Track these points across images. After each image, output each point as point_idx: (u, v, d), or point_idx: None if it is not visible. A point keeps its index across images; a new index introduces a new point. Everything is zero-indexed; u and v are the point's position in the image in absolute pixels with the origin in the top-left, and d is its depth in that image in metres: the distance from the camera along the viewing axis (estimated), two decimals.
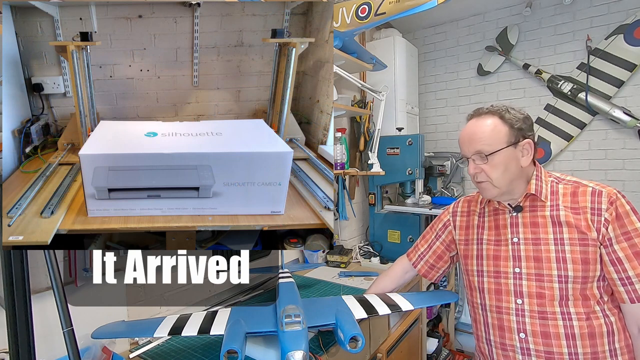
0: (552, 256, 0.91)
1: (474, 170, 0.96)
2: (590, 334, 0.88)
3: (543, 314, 0.91)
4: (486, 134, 0.93)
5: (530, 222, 0.96)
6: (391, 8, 1.55)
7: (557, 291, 0.90)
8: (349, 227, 2.36)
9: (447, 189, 2.79)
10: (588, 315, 0.89)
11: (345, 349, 0.93)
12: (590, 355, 0.88)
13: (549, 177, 1.00)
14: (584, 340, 0.88)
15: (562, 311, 0.90)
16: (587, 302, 0.89)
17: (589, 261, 0.88)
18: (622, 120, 2.25)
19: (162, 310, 1.38)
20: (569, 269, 0.89)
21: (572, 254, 0.89)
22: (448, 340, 2.66)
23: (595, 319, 0.89)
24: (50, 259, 0.89)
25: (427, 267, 1.23)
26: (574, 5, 2.40)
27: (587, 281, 0.89)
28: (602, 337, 0.88)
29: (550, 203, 0.95)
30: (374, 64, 2.13)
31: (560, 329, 0.89)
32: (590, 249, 0.88)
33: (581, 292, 0.89)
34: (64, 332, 0.86)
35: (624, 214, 0.88)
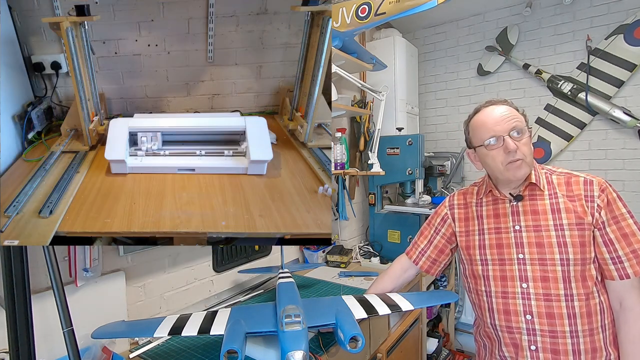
0: (554, 241, 0.97)
1: (514, 146, 0.97)
2: (588, 313, 0.96)
3: (548, 296, 0.97)
4: (517, 114, 1.01)
5: (530, 210, 1.03)
6: (391, 8, 1.55)
7: (559, 274, 0.96)
8: (349, 227, 2.36)
9: (447, 189, 2.80)
10: (587, 296, 0.96)
11: (345, 349, 0.93)
12: (587, 331, 0.96)
13: (542, 169, 1.07)
14: (583, 318, 0.95)
15: (566, 293, 0.96)
16: (585, 282, 0.96)
17: (585, 244, 0.96)
18: (622, 120, 2.25)
19: (162, 310, 1.38)
20: (570, 252, 0.96)
21: (572, 238, 0.96)
22: (448, 340, 2.66)
23: (592, 299, 0.96)
24: (50, 259, 0.88)
25: (429, 262, 1.24)
26: (574, 5, 2.40)
27: (586, 262, 0.96)
28: (597, 315, 0.96)
29: (548, 192, 1.02)
30: (374, 64, 2.13)
31: (563, 309, 0.96)
32: (587, 233, 0.96)
33: (581, 273, 0.96)
34: (64, 332, 0.86)
35: (612, 200, 0.97)
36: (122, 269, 1.24)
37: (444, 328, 2.70)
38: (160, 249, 1.37)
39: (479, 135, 1.02)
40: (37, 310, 0.88)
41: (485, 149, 1.01)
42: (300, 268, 1.96)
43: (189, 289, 1.48)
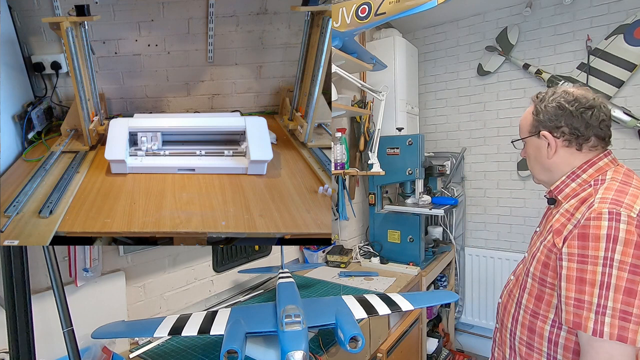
0: (534, 249, 0.94)
1: (521, 154, 1.02)
2: (530, 328, 0.91)
3: (510, 292, 1.00)
4: (521, 122, 1.01)
5: (547, 215, 1.01)
6: (391, 8, 1.55)
7: (522, 279, 0.96)
8: (349, 227, 2.36)
9: (447, 189, 2.79)
10: (535, 314, 0.89)
11: (345, 349, 0.93)
12: (525, 343, 0.91)
13: (591, 178, 0.88)
14: (523, 328, 0.92)
15: (519, 299, 0.95)
16: (538, 302, 0.88)
17: (549, 266, 0.85)
18: (622, 120, 2.25)
19: (162, 310, 1.38)
20: (533, 264, 0.90)
21: (540, 254, 0.88)
22: (448, 340, 2.66)
23: (542, 322, 0.87)
24: (50, 258, 0.88)
25: None
26: (574, 5, 2.40)
27: (545, 285, 0.86)
28: (541, 339, 0.87)
29: (564, 203, 0.90)
30: (374, 64, 2.13)
31: (513, 308, 0.97)
32: (553, 256, 0.84)
33: (538, 292, 0.88)
34: (64, 332, 0.86)
35: (594, 236, 0.75)
36: (122, 269, 1.24)
37: (444, 328, 2.70)
38: (160, 249, 1.37)
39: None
40: (37, 310, 0.88)
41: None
42: (300, 268, 1.96)
43: (189, 289, 1.48)
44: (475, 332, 2.84)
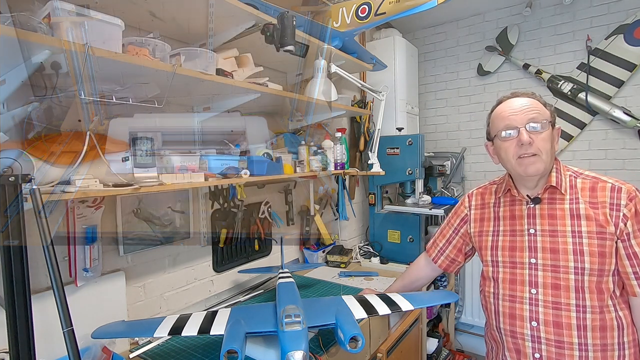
0: (569, 248, 0.93)
1: (528, 139, 0.92)
2: (601, 327, 0.90)
3: (557, 304, 0.93)
4: (539, 106, 0.96)
5: (548, 214, 0.98)
6: (391, 8, 1.55)
7: (572, 282, 0.92)
8: (349, 227, 2.36)
9: (447, 189, 2.80)
10: (601, 309, 0.91)
11: (345, 349, 0.93)
12: (599, 346, 0.91)
13: (567, 171, 1.01)
14: (594, 332, 0.90)
15: (577, 303, 0.92)
16: (601, 295, 0.91)
17: (605, 254, 0.90)
18: (622, 120, 2.25)
19: (162, 310, 1.38)
20: (586, 261, 0.91)
21: (590, 247, 0.91)
22: (448, 340, 2.66)
23: (607, 313, 0.91)
24: (50, 258, 0.88)
25: (447, 261, 1.25)
26: (574, 5, 2.40)
27: (603, 274, 0.91)
28: (612, 330, 0.91)
29: (570, 196, 0.96)
30: (374, 64, 2.13)
31: (572, 320, 0.92)
32: (608, 243, 0.90)
33: (597, 285, 0.91)
34: (64, 332, 0.86)
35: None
36: (122, 269, 1.24)
37: (444, 328, 2.70)
38: (161, 249, 1.37)
39: (496, 125, 0.98)
40: (37, 310, 0.87)
41: (499, 140, 0.96)
42: (300, 268, 1.96)
43: (189, 289, 1.48)
44: (475, 332, 2.84)
